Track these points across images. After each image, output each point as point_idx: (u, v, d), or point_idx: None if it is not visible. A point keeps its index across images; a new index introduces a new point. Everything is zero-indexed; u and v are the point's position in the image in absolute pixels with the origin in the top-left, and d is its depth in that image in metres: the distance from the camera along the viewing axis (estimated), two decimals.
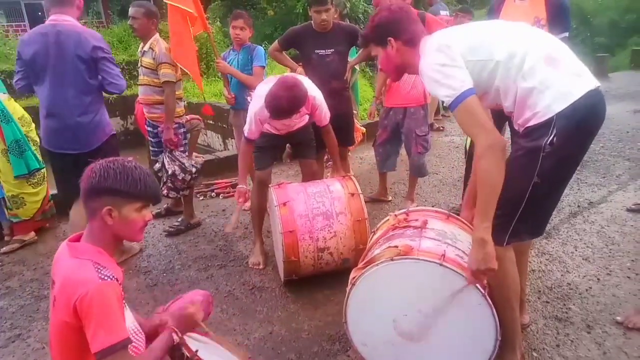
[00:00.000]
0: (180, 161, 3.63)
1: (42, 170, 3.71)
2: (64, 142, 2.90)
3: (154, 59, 3.46)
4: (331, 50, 3.60)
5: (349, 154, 4.30)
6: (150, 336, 1.64)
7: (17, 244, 3.61)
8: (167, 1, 3.43)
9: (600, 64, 10.97)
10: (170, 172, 3.59)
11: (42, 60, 2.79)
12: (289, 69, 3.86)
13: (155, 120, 3.71)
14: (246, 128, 2.96)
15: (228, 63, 3.88)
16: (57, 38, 2.77)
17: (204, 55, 9.61)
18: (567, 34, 2.81)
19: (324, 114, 3.03)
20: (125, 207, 1.46)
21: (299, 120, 3.10)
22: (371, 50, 2.01)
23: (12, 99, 3.63)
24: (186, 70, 3.59)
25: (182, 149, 3.74)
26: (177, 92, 3.59)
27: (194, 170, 3.69)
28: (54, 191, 4.00)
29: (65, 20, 2.82)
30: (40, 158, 3.65)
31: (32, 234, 3.71)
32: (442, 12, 6.54)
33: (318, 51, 3.59)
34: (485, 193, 1.67)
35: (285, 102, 2.60)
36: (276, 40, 3.78)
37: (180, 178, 3.62)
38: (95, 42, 2.83)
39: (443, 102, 1.80)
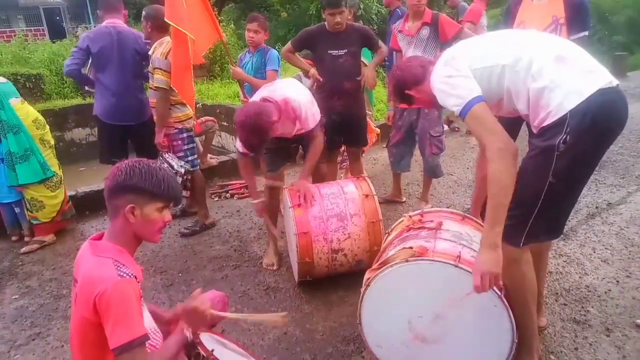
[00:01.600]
0: (169, 163, 3.62)
1: (59, 175, 3.76)
2: (124, 115, 3.80)
3: (151, 62, 3.50)
4: (344, 50, 3.59)
5: (363, 155, 4.28)
6: (167, 330, 1.67)
7: (37, 245, 3.67)
8: (167, 20, 3.30)
9: (618, 63, 10.78)
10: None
11: (109, 52, 3.69)
12: (302, 70, 3.87)
13: None
14: (238, 142, 2.92)
15: (243, 65, 3.90)
16: (119, 36, 3.72)
17: (219, 57, 9.70)
18: (586, 33, 2.77)
19: (310, 119, 2.87)
20: (148, 206, 1.50)
21: (293, 127, 2.91)
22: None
23: (26, 102, 3.69)
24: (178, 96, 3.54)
25: (181, 153, 3.70)
26: (175, 98, 3.53)
27: (182, 171, 3.65)
28: (73, 192, 4.10)
29: (119, 24, 3.80)
30: (50, 164, 3.67)
31: (52, 235, 3.78)
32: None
33: (331, 52, 3.59)
34: (495, 197, 1.66)
35: (252, 138, 2.61)
36: (289, 42, 3.79)
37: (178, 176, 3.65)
38: (143, 40, 3.80)
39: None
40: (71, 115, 7.08)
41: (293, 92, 2.86)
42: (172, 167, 3.64)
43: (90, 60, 3.83)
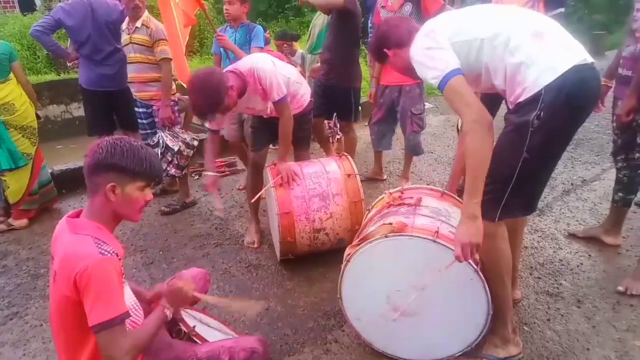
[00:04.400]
0: (182, 137, 3.67)
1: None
2: (106, 81, 3.84)
3: (150, 35, 3.49)
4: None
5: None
6: (149, 309, 1.67)
7: (5, 226, 3.60)
8: None
9: (597, 42, 10.92)
10: (176, 149, 3.61)
11: (84, 25, 3.68)
12: None
13: (149, 100, 3.68)
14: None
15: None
16: (92, 7, 3.70)
17: (197, 32, 9.44)
18: (562, 10, 2.80)
19: (274, 90, 2.67)
20: (129, 185, 1.48)
21: (265, 103, 2.79)
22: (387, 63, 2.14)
23: (11, 81, 3.52)
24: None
25: (179, 126, 3.76)
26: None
27: (195, 143, 3.73)
28: (49, 170, 4.01)
29: None
30: (21, 148, 3.55)
31: (25, 221, 3.67)
32: None
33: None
34: (472, 169, 1.67)
35: (201, 102, 2.45)
36: None
37: (185, 154, 3.67)
38: (118, 9, 3.77)
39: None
40: (45, 92, 6.84)
41: (260, 62, 2.71)
42: (186, 141, 3.67)
43: (69, 38, 3.85)
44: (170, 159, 3.62)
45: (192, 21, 3.78)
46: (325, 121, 4.28)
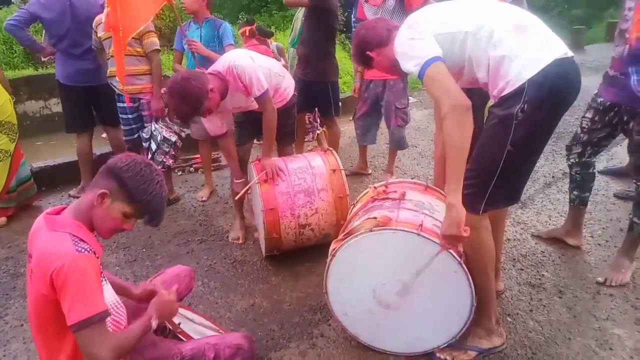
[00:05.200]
0: (174, 128, 3.69)
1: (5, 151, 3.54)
2: (85, 77, 3.79)
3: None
4: (303, 18, 3.72)
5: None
6: (138, 307, 1.66)
7: None
8: None
9: (576, 36, 11.09)
10: (173, 140, 3.63)
11: (62, 20, 3.61)
12: None
13: (137, 93, 3.60)
14: (206, 124, 2.88)
15: (189, 37, 3.64)
16: (71, 2, 3.63)
17: (169, 24, 9.18)
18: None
19: (255, 85, 2.63)
20: (119, 203, 1.48)
21: (247, 99, 2.78)
22: (373, 66, 2.13)
23: None
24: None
25: (167, 118, 3.74)
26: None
27: (183, 134, 3.76)
28: (37, 165, 3.92)
29: None
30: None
31: (3, 219, 3.58)
32: None
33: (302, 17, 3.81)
34: (451, 154, 1.66)
35: (182, 106, 2.42)
36: None
37: (177, 145, 3.69)
38: (98, 3, 3.70)
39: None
40: (23, 87, 6.68)
41: (238, 58, 2.67)
42: (177, 132, 3.68)
43: (44, 31, 3.82)
44: (167, 150, 3.61)
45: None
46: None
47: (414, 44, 1.77)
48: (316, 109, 4.22)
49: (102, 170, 1.51)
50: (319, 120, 4.77)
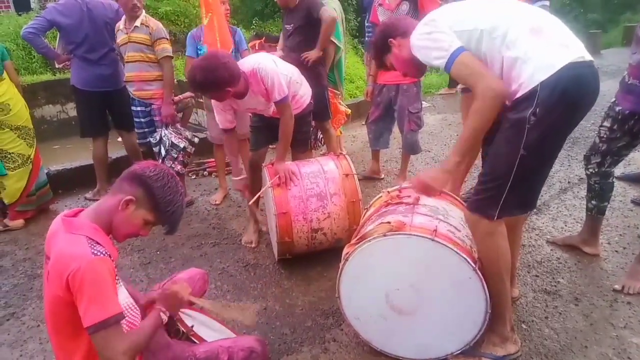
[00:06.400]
0: (185, 134, 3.72)
1: (25, 155, 3.60)
2: (101, 82, 3.83)
3: (150, 34, 3.52)
4: (291, 25, 3.69)
5: (338, 132, 4.30)
6: (144, 314, 1.66)
7: (0, 227, 3.58)
8: None
9: (592, 41, 10.94)
10: (182, 146, 3.66)
11: (80, 26, 3.68)
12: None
13: (149, 98, 3.68)
14: (217, 117, 2.91)
15: (201, 42, 3.72)
16: (88, 7, 3.70)
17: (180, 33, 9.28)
18: (547, 3, 2.80)
19: (276, 89, 2.66)
20: (142, 210, 1.51)
21: (268, 103, 2.81)
22: (388, 62, 2.13)
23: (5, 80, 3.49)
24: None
25: (179, 124, 3.78)
26: None
27: (196, 140, 3.79)
28: (45, 170, 3.98)
29: None
30: (8, 148, 3.49)
31: (21, 222, 3.64)
32: None
33: (286, 26, 3.76)
34: (468, 131, 1.73)
35: (198, 73, 2.44)
36: None
37: (188, 151, 3.72)
38: (114, 8, 3.84)
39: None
40: (41, 92, 6.83)
41: (263, 61, 2.70)
42: (188, 138, 3.73)
43: (59, 36, 3.82)
44: (175, 155, 3.64)
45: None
46: None
47: (435, 36, 1.78)
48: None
49: (128, 176, 1.53)
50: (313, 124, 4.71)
